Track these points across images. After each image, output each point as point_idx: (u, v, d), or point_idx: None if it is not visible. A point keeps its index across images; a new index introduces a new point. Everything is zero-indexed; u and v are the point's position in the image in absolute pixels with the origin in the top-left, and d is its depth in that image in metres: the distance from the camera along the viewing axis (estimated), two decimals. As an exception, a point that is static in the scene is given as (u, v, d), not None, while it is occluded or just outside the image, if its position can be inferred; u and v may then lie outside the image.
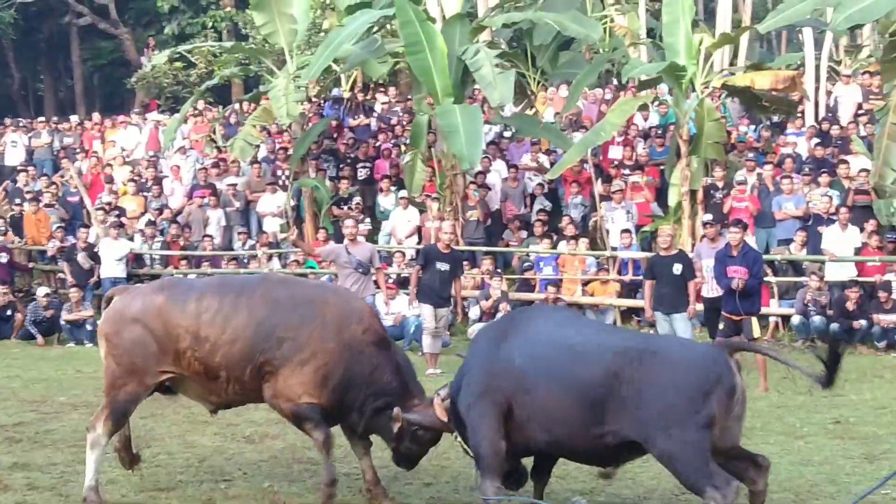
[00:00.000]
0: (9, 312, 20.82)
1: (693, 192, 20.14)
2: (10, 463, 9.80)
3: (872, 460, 9.61)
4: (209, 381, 8.38)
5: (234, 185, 23.69)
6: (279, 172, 24.02)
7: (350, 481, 9.06)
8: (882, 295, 17.94)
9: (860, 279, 18.42)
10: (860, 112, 23.30)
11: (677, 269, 14.92)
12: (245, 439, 10.66)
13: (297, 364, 8.13)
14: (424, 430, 8.12)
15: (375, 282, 16.13)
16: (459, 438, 7.89)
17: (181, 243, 22.68)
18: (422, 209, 22.05)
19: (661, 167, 21.90)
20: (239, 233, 23.02)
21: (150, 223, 22.96)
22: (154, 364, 8.36)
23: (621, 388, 7.16)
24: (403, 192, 22.38)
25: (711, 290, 15.02)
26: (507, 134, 25.00)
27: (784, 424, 11.41)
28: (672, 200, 20.51)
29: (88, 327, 20.45)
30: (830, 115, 23.88)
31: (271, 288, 8.56)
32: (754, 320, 14.60)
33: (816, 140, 22.14)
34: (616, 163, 22.28)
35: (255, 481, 9.08)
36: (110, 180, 24.88)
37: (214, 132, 26.72)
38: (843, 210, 19.19)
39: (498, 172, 22.94)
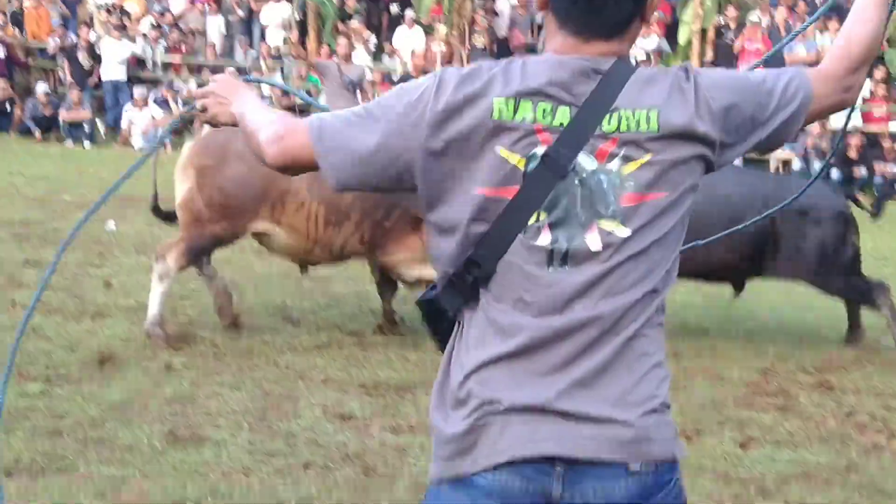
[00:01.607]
0: (8, 107, 20.72)
1: (704, 31, 19.95)
2: (22, 259, 9.86)
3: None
4: (328, 228, 7.69)
5: (239, -9, 23.28)
6: (285, -18, 23.59)
7: (360, 299, 9.18)
8: (885, 144, 17.93)
9: (864, 128, 18.39)
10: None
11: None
12: (253, 251, 10.68)
13: None
14: None
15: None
16: None
17: (183, 49, 22.39)
18: (428, 31, 21.76)
19: (673, 3, 21.58)
20: (241, 43, 22.69)
21: (155, 26, 22.61)
22: (251, 211, 7.64)
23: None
24: (410, 13, 22.05)
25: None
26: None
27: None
28: (682, 38, 20.35)
29: (86, 128, 20.49)
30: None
31: None
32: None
33: (832, -16, 21.80)
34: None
35: (266, 295, 9.15)
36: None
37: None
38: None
39: (507, -1, 22.60)
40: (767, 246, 8.45)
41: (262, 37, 22.94)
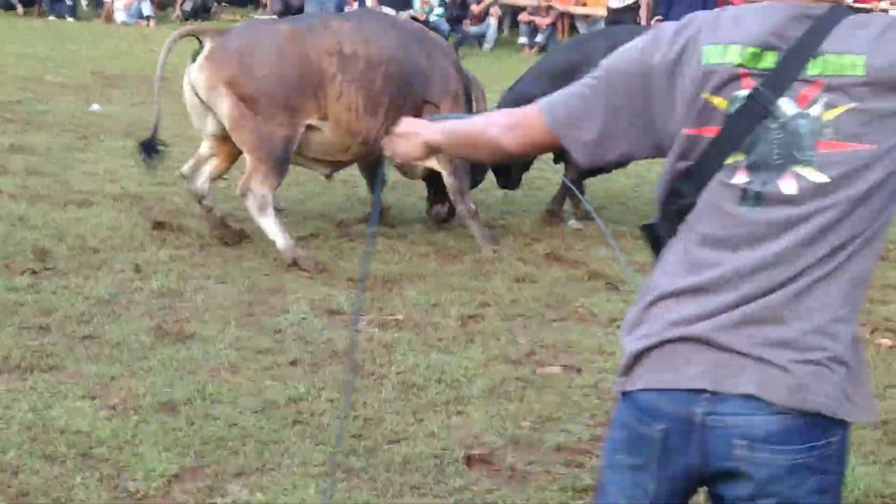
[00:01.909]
0: (-12, -19, 20.47)
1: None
2: (8, 144, 9.79)
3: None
4: (365, 117, 7.46)
5: None
6: None
7: (348, 188, 9.16)
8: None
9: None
10: None
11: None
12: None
13: (454, 100, 7.75)
14: None
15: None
16: None
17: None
18: None
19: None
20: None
21: None
22: (300, 100, 7.31)
23: None
24: None
25: None
26: None
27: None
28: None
29: (69, 1, 20.27)
30: None
31: (382, 20, 8.09)
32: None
33: None
34: None
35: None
36: None
37: None
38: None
39: None
40: None
41: None
